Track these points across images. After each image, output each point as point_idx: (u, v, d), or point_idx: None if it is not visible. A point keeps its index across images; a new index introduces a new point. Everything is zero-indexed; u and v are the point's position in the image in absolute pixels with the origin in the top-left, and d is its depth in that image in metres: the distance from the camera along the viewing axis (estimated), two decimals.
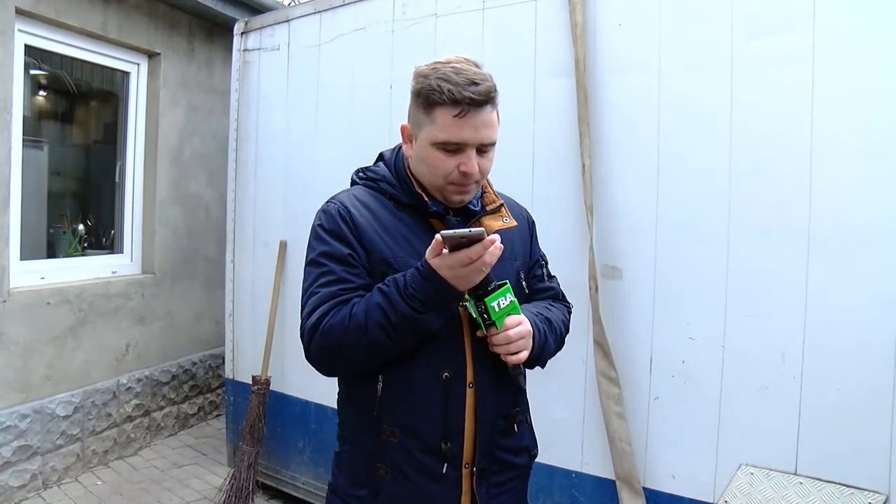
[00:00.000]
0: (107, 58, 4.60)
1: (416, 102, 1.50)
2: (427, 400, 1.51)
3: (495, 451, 1.59)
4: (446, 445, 1.52)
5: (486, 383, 1.55)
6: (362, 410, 1.56)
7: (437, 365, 1.52)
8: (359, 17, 3.64)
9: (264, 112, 4.17)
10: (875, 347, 2.22)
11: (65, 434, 4.17)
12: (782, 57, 2.38)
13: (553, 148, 2.91)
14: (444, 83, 1.42)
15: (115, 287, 4.60)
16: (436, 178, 1.52)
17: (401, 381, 1.51)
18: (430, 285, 1.38)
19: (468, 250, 1.34)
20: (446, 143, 1.46)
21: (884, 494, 2.20)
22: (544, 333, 1.61)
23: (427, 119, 1.47)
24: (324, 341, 1.46)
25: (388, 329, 1.41)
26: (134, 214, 4.91)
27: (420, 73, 1.49)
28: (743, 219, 2.47)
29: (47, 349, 4.08)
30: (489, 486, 1.59)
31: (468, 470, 1.55)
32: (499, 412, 1.59)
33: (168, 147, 5.00)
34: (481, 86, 1.43)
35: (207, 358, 5.48)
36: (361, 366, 1.50)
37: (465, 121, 1.44)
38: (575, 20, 2.79)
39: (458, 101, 1.42)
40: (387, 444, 1.52)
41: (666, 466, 2.65)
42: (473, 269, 1.36)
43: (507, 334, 1.46)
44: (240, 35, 4.28)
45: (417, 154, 1.54)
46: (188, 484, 4.30)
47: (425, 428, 1.51)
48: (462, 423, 1.53)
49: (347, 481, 1.59)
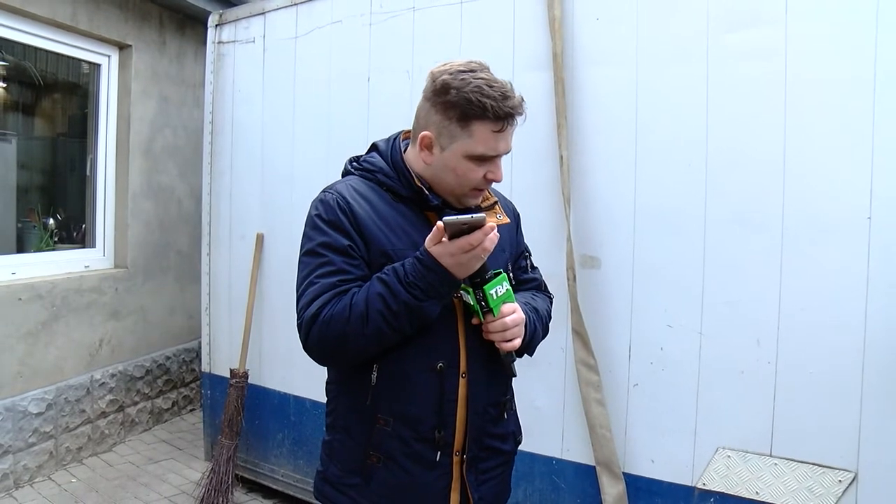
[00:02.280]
0: (77, 49, 4.53)
1: (447, 115, 1.49)
2: (421, 390, 1.55)
3: (484, 439, 1.64)
4: (440, 434, 1.55)
5: (478, 373, 1.59)
6: (356, 399, 1.58)
7: (432, 355, 1.55)
8: (336, 9, 3.64)
9: (240, 105, 4.14)
10: (845, 332, 2.30)
11: (37, 431, 4.11)
12: (757, 49, 2.44)
13: (531, 140, 2.94)
14: (483, 98, 1.43)
15: (88, 282, 4.54)
16: (462, 186, 1.55)
17: (396, 371, 1.54)
18: (431, 273, 1.41)
19: (469, 237, 1.37)
20: (483, 155, 1.49)
21: (852, 472, 2.29)
22: (534, 322, 1.66)
23: (462, 132, 1.48)
24: (324, 332, 1.47)
25: (388, 317, 1.43)
26: (106, 208, 4.84)
27: (448, 84, 1.47)
28: (719, 208, 2.53)
29: (19, 346, 4.02)
30: (478, 472, 1.63)
31: (458, 457, 1.60)
32: (490, 401, 1.64)
33: (140, 140, 4.94)
34: (513, 99, 1.47)
35: (181, 352, 5.44)
36: (361, 355, 1.51)
37: (503, 135, 1.48)
38: (553, 14, 2.83)
39: (500, 117, 1.45)
40: (381, 432, 1.55)
41: (645, 451, 2.71)
42: (473, 255, 1.39)
43: (504, 321, 1.50)
44: (214, 27, 4.24)
45: (445, 163, 1.54)
46: (165, 479, 4.27)
47: (419, 417, 1.55)
48: (455, 412, 1.57)
49: (340, 470, 1.62)
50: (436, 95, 1.50)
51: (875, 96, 2.23)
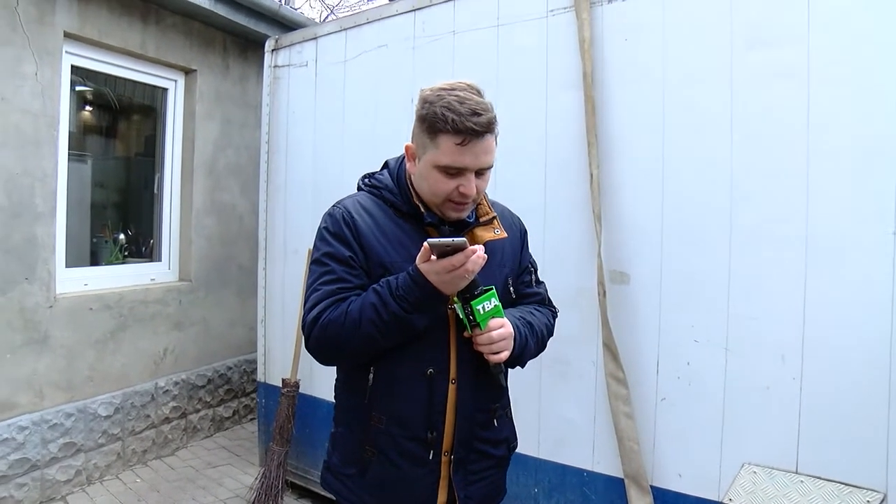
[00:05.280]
0: (146, 75, 4.85)
1: (422, 127, 1.61)
2: (412, 393, 1.67)
3: (474, 443, 1.74)
4: (431, 435, 1.67)
5: (467, 380, 1.70)
6: (355, 397, 1.72)
7: (424, 362, 1.66)
8: (381, 34, 3.80)
9: (294, 125, 4.35)
10: (870, 348, 2.28)
11: (106, 433, 4.40)
12: (779, 67, 2.46)
13: (564, 158, 3.02)
14: (449, 112, 1.53)
15: (154, 294, 4.82)
16: (436, 196, 1.65)
17: (390, 374, 1.67)
18: (419, 288, 1.52)
19: (451, 258, 1.47)
20: (448, 167, 1.59)
21: (881, 493, 2.26)
22: (525, 336, 1.74)
23: (431, 143, 1.59)
24: (322, 334, 1.61)
25: (379, 326, 1.55)
26: (171, 224, 5.13)
27: (426, 100, 1.60)
28: (743, 225, 2.55)
29: (89, 352, 4.31)
30: (466, 473, 1.73)
31: (447, 458, 1.70)
32: (478, 407, 1.74)
33: (203, 159, 5.23)
34: (483, 116, 1.55)
35: (242, 363, 5.68)
36: (355, 357, 1.65)
37: (467, 148, 1.57)
38: (583, 35, 2.91)
39: (461, 130, 1.54)
40: (375, 429, 1.68)
41: (672, 465, 2.73)
42: (456, 275, 1.50)
43: (490, 335, 1.59)
44: (270, 52, 4.48)
45: (420, 173, 1.66)
46: (222, 483, 4.48)
47: (410, 417, 1.67)
48: (443, 415, 1.68)
49: (340, 460, 1.75)
50: (418, 110, 1.62)
51: None
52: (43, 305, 3.98)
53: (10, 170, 3.77)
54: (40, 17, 3.89)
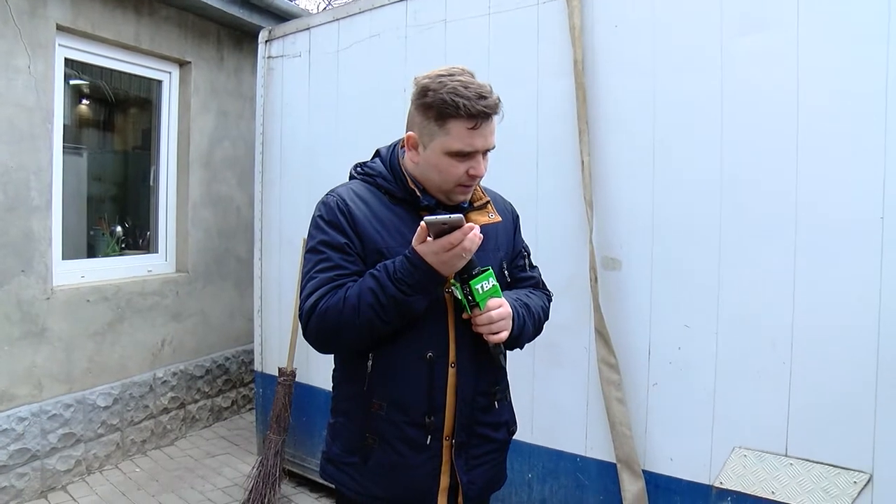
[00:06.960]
0: (140, 67, 4.85)
1: (426, 115, 1.61)
2: (412, 377, 1.67)
3: (474, 427, 1.74)
4: (430, 419, 1.67)
5: (467, 363, 1.70)
6: (355, 386, 1.72)
7: (422, 346, 1.67)
8: (374, 23, 3.80)
9: (288, 116, 4.36)
10: (859, 333, 2.30)
11: (105, 424, 4.43)
12: (769, 53, 2.46)
13: (555, 145, 3.03)
14: (458, 98, 1.54)
15: (151, 285, 4.84)
16: (447, 182, 1.66)
17: (389, 360, 1.67)
18: (417, 270, 1.53)
19: (449, 236, 1.48)
20: (460, 151, 1.60)
21: (867, 473, 2.28)
22: (523, 317, 1.75)
23: (440, 130, 1.60)
24: (320, 321, 1.61)
25: (378, 310, 1.55)
26: (168, 216, 5.15)
27: (427, 87, 1.59)
28: (734, 212, 2.56)
29: (88, 344, 4.33)
30: (468, 457, 1.74)
31: (448, 442, 1.71)
32: (479, 390, 1.74)
33: (199, 152, 5.24)
34: (489, 99, 1.57)
35: (240, 354, 5.70)
36: (354, 344, 1.65)
37: (478, 131, 1.59)
38: (573, 22, 2.91)
39: (472, 115, 1.55)
40: (375, 416, 1.68)
41: (664, 449, 2.75)
42: (454, 254, 1.50)
43: (490, 315, 1.60)
44: (264, 43, 4.47)
45: (428, 161, 1.66)
46: (220, 472, 4.51)
47: (410, 403, 1.67)
48: (444, 399, 1.68)
49: (340, 449, 1.75)
50: (417, 98, 1.62)
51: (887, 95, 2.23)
52: (40, 298, 4.00)
53: (5, 164, 3.79)
54: (32, 10, 3.89)
